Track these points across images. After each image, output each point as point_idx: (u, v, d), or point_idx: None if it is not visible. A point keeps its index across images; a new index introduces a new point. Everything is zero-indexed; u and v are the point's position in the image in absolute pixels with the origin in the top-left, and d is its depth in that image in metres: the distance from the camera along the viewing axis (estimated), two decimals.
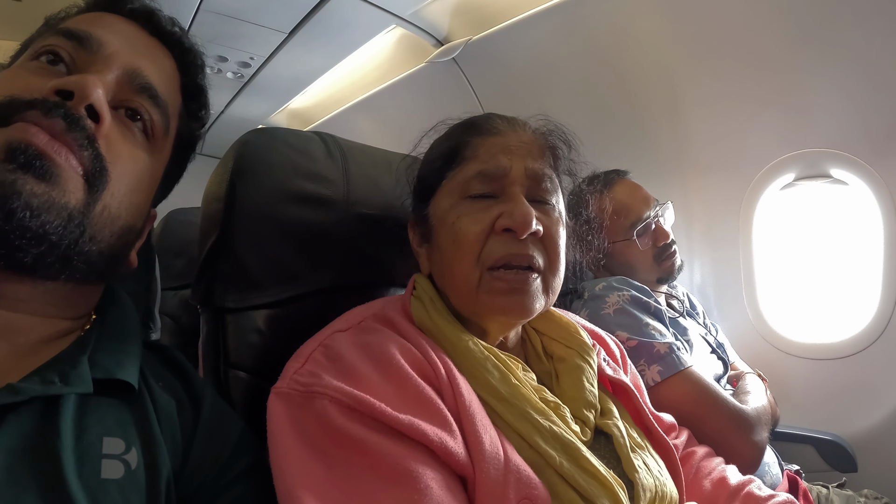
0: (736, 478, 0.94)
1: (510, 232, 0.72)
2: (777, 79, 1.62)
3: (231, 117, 3.11)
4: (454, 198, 0.78)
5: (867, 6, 1.38)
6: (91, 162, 0.56)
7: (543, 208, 0.77)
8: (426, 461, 0.56)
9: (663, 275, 1.53)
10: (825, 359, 1.74)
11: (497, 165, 0.76)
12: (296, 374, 0.63)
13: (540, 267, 0.74)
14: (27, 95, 0.55)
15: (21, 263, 0.52)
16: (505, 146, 0.78)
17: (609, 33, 1.81)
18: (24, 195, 0.50)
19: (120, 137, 0.61)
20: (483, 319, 0.76)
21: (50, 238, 0.53)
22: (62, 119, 0.54)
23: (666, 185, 1.96)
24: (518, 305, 0.73)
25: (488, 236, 0.74)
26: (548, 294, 0.76)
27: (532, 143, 0.81)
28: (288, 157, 0.88)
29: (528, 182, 0.77)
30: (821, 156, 1.68)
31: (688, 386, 1.16)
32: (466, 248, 0.73)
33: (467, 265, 0.73)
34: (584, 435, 0.71)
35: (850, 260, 1.83)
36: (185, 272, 1.65)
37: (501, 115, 0.85)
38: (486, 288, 0.73)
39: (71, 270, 0.57)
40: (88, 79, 0.57)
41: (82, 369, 0.55)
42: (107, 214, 0.59)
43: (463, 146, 0.81)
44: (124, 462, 0.53)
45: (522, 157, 0.77)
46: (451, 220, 0.76)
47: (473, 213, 0.75)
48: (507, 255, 0.72)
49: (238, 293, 0.81)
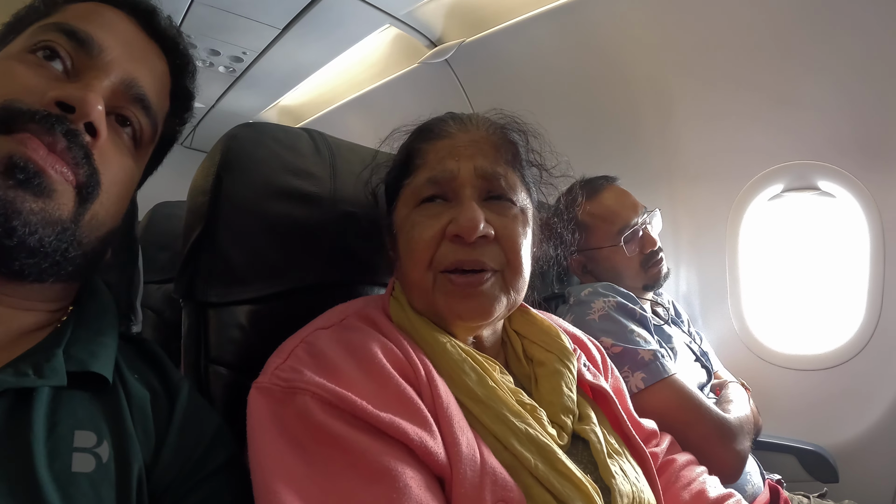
0: (716, 491, 0.94)
1: (460, 238, 0.72)
2: (767, 91, 1.63)
3: (221, 112, 3.09)
4: (409, 207, 0.78)
5: (855, 23, 1.40)
6: (87, 178, 0.58)
7: (498, 207, 0.76)
8: (406, 460, 0.56)
9: (649, 282, 1.53)
10: (808, 369, 1.76)
11: (444, 170, 0.76)
12: (277, 370, 0.63)
13: (493, 268, 0.73)
14: (28, 100, 0.55)
15: (11, 270, 0.54)
16: (452, 149, 0.78)
17: (602, 40, 1.83)
18: (24, 213, 0.52)
19: (112, 148, 0.63)
20: (445, 323, 0.76)
21: (44, 250, 0.55)
22: (63, 136, 0.55)
23: (654, 192, 1.97)
24: (473, 309, 0.72)
25: (440, 242, 0.73)
26: (508, 293, 0.75)
27: (483, 140, 0.80)
28: (276, 153, 0.87)
29: (479, 182, 0.76)
30: (808, 168, 1.70)
31: (671, 393, 1.16)
32: (419, 255, 0.73)
33: (420, 270, 0.73)
34: (562, 439, 0.71)
35: (836, 272, 1.85)
36: (169, 266, 1.62)
37: (455, 115, 0.85)
38: (440, 289, 0.73)
39: (57, 274, 0.58)
40: (90, 97, 0.57)
41: (56, 362, 0.55)
42: (95, 222, 0.61)
43: (414, 154, 0.81)
44: (95, 455, 0.52)
45: (471, 158, 0.76)
46: (406, 228, 0.77)
47: (425, 219, 0.75)
48: (455, 260, 0.72)
49: (221, 288, 0.81)
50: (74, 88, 0.58)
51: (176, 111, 0.76)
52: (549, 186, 0.92)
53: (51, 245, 0.55)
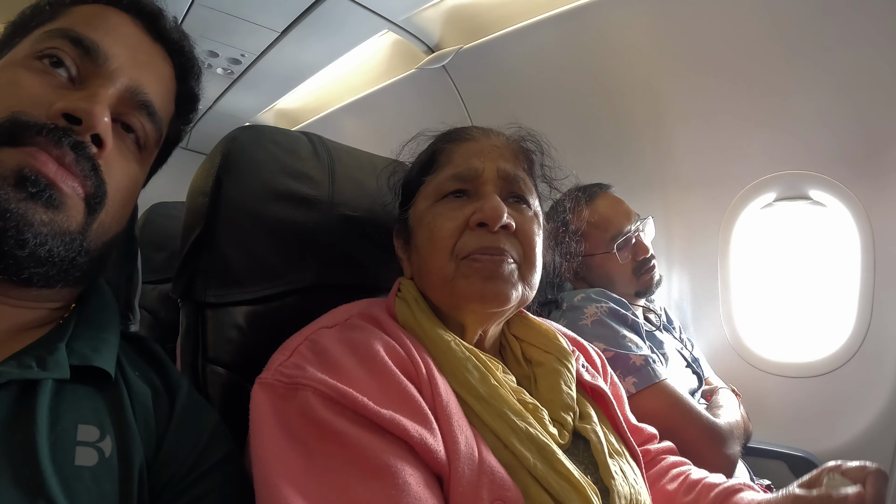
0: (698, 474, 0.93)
1: (483, 226, 0.75)
2: (759, 101, 1.65)
3: (219, 113, 3.08)
4: (430, 200, 0.81)
5: (850, 33, 1.42)
6: (95, 189, 0.59)
7: (517, 206, 0.80)
8: (405, 457, 0.57)
9: (642, 288, 1.55)
10: (799, 377, 1.77)
11: (470, 167, 0.80)
12: (281, 366, 0.63)
13: (513, 258, 0.76)
14: (34, 112, 0.56)
15: (20, 279, 0.56)
16: (478, 150, 0.82)
17: (597, 49, 1.84)
18: (36, 225, 0.54)
19: (118, 156, 0.63)
20: (460, 312, 0.77)
21: (52, 260, 0.56)
22: (70, 149, 0.56)
23: (647, 200, 1.99)
24: (493, 291, 0.74)
25: (462, 232, 0.76)
26: (525, 285, 0.78)
27: (505, 146, 0.85)
28: (275, 156, 0.88)
29: (500, 182, 0.80)
30: (800, 178, 1.72)
31: (662, 398, 1.17)
32: (441, 244, 0.76)
33: (442, 259, 0.75)
34: (562, 438, 0.72)
35: (827, 280, 1.86)
36: (165, 266, 1.63)
37: (477, 126, 0.89)
38: (462, 272, 0.74)
39: (65, 280, 0.60)
40: (97, 110, 0.58)
41: (59, 355, 0.56)
42: (101, 229, 0.62)
43: (439, 153, 0.85)
44: (98, 449, 0.53)
45: (495, 159, 0.81)
46: (427, 219, 0.79)
47: (448, 211, 0.78)
48: (479, 246, 0.74)
49: (219, 288, 0.81)
50: (80, 99, 0.58)
51: (181, 113, 0.77)
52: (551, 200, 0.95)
53: (59, 255, 0.56)
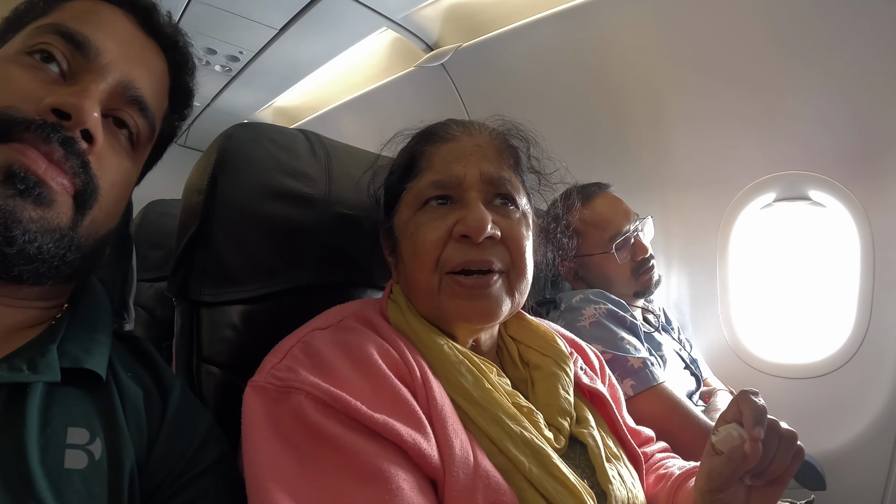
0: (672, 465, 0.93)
1: (467, 238, 0.72)
2: (759, 101, 1.65)
3: (216, 111, 3.08)
4: (412, 209, 0.78)
5: (849, 35, 1.42)
6: (84, 186, 0.59)
7: (503, 210, 0.77)
8: (399, 462, 0.56)
9: (640, 289, 1.54)
10: (797, 378, 1.77)
11: (450, 174, 0.76)
12: (273, 369, 0.62)
13: (500, 269, 0.74)
14: (24, 107, 0.55)
15: (10, 276, 0.55)
16: (459, 152, 0.78)
17: (596, 48, 1.84)
18: (24, 222, 0.53)
19: (109, 151, 0.63)
20: (449, 325, 0.76)
21: (42, 257, 0.56)
22: (60, 145, 0.55)
23: (646, 200, 1.98)
24: (480, 311, 0.73)
25: (446, 243, 0.73)
26: (513, 296, 0.76)
27: (488, 145, 0.80)
28: (271, 153, 0.87)
29: (484, 186, 0.76)
30: (800, 178, 1.72)
31: (660, 401, 1.17)
32: (424, 256, 0.73)
33: (426, 272, 0.73)
34: (558, 442, 0.71)
35: (826, 281, 1.86)
36: (161, 264, 1.62)
37: (458, 120, 0.85)
38: (446, 292, 0.73)
39: (56, 277, 0.59)
40: (86, 105, 0.57)
41: (51, 358, 0.55)
42: (93, 226, 0.61)
43: (418, 156, 0.81)
44: (88, 452, 0.53)
45: (477, 162, 0.77)
46: (410, 230, 0.76)
47: (431, 221, 0.75)
48: (464, 261, 0.72)
49: (214, 287, 0.81)
50: (70, 94, 0.57)
51: (175, 108, 0.76)
52: (546, 191, 0.92)
53: (49, 252, 0.56)
